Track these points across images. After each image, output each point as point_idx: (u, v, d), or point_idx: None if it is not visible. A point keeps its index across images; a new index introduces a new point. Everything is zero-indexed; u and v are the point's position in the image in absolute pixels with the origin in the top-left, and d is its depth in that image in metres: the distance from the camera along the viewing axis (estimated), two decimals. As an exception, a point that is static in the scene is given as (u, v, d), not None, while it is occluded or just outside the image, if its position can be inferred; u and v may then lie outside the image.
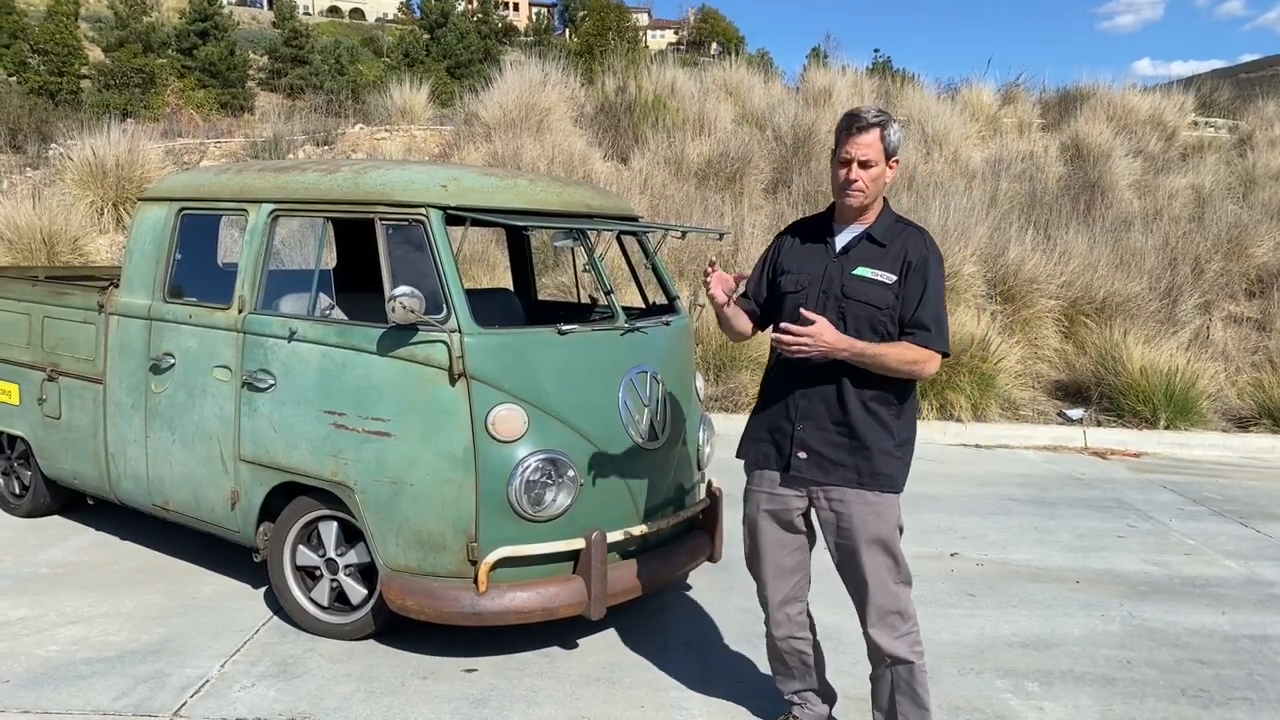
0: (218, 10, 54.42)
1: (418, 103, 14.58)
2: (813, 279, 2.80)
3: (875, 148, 2.69)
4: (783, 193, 11.85)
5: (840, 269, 2.77)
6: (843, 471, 2.76)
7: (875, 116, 2.71)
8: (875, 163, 2.70)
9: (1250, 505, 6.32)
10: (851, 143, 2.70)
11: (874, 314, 2.72)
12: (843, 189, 2.74)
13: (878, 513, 2.76)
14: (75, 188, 11.34)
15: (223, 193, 4.20)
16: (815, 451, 2.78)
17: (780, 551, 2.93)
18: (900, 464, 2.80)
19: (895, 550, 2.78)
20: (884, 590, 2.77)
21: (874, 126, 2.68)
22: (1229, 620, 4.32)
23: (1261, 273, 10.95)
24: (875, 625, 2.78)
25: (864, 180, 2.71)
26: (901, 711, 2.84)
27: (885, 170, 2.73)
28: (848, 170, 2.71)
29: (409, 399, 3.49)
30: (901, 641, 2.78)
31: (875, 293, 2.72)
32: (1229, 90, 17.88)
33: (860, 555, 2.76)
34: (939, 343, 2.72)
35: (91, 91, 41.11)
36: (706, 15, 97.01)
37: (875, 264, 2.74)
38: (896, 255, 2.74)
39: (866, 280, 2.74)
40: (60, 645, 3.71)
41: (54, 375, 4.72)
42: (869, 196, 2.75)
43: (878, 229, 2.79)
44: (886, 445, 2.76)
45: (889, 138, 2.70)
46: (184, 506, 4.20)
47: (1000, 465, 7.26)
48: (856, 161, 2.69)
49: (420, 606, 3.47)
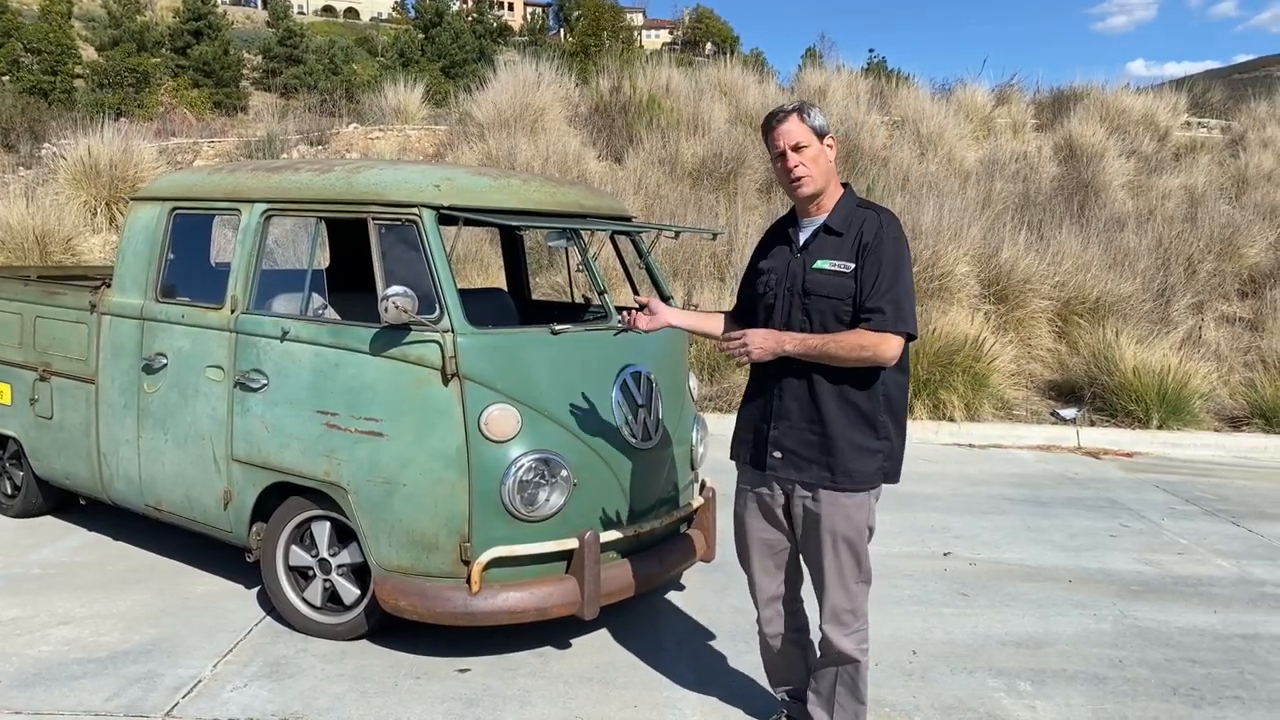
0: (212, 9, 54.33)
1: (412, 102, 14.58)
2: (779, 278, 2.81)
3: (800, 129, 2.70)
4: (777, 193, 11.86)
5: (802, 264, 2.76)
6: (815, 470, 2.75)
7: (789, 105, 2.76)
8: (807, 143, 2.70)
9: (1242, 505, 6.35)
10: (778, 133, 2.72)
11: (836, 305, 2.69)
12: (789, 181, 2.73)
13: (846, 514, 2.75)
14: (68, 187, 11.31)
15: (216, 192, 4.20)
16: (789, 450, 2.78)
17: (767, 548, 2.94)
18: (880, 459, 2.76)
19: (859, 550, 2.79)
20: (841, 589, 2.78)
21: (790, 114, 2.72)
22: (1221, 619, 4.33)
23: (1254, 273, 11.00)
24: (828, 621, 2.81)
25: (804, 163, 2.70)
26: (839, 701, 2.87)
27: (822, 150, 2.73)
28: (785, 160, 2.72)
29: (402, 399, 3.48)
30: (850, 639, 2.80)
31: (834, 284, 2.70)
32: (1221, 91, 17.96)
33: (824, 552, 2.77)
34: (896, 324, 2.63)
35: (85, 91, 41.01)
36: (701, 15, 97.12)
37: (834, 255, 2.72)
38: (853, 241, 2.71)
39: (825, 273, 2.72)
40: (52, 646, 3.70)
41: (46, 375, 4.71)
42: (817, 181, 2.73)
43: (835, 219, 2.76)
44: (863, 440, 2.73)
45: (810, 118, 2.72)
46: (176, 507, 4.19)
47: (993, 465, 7.27)
48: (789, 148, 2.70)
49: (413, 606, 3.47)
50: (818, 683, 2.93)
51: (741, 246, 9.90)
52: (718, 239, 9.43)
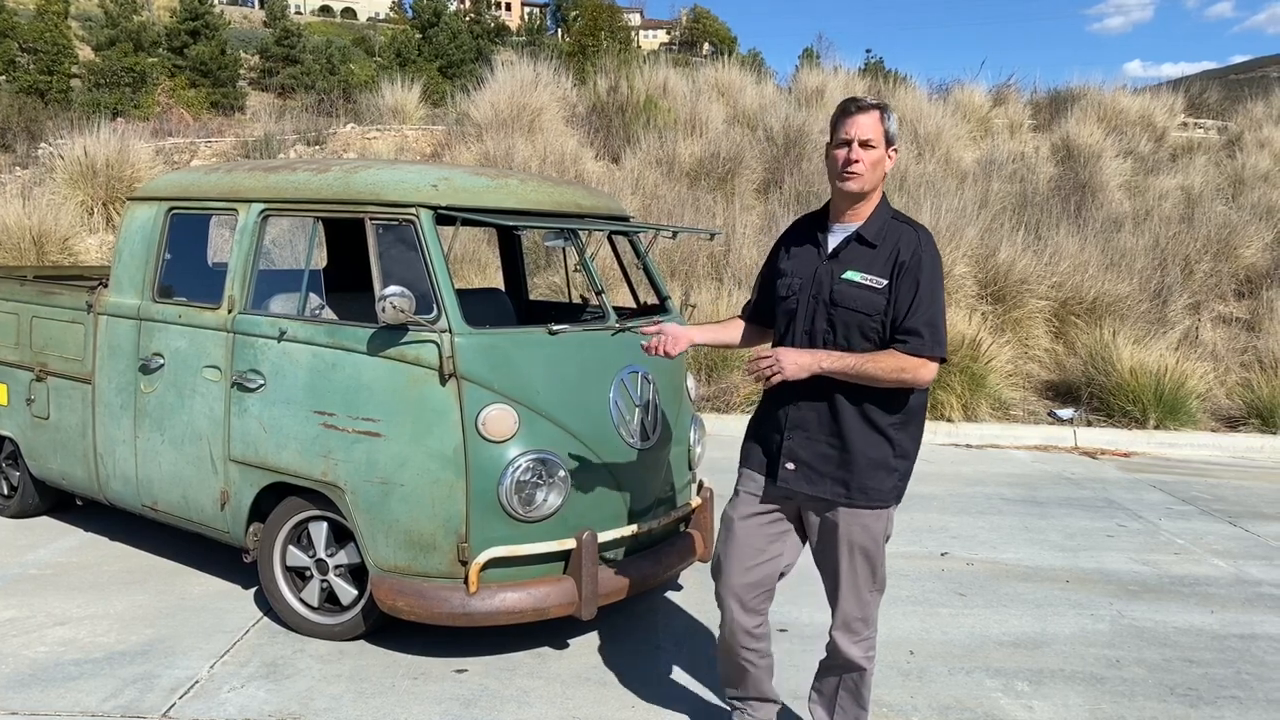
0: (209, 9, 54.23)
1: (409, 102, 14.56)
2: (803, 283, 2.69)
3: (876, 129, 2.58)
4: (774, 193, 11.87)
5: (830, 273, 2.66)
6: (830, 485, 2.66)
7: (875, 100, 2.62)
8: (876, 144, 2.58)
9: (1239, 504, 6.36)
10: (851, 122, 2.58)
11: (863, 320, 2.60)
12: (842, 170, 2.60)
13: (864, 524, 2.68)
14: (65, 187, 11.30)
15: (213, 192, 4.19)
16: (803, 463, 2.68)
17: (751, 559, 2.78)
18: (896, 476, 2.68)
19: (876, 559, 2.72)
20: (855, 597, 2.74)
21: (874, 109, 2.59)
22: (1217, 619, 4.34)
23: (1250, 273, 11.02)
24: (838, 628, 2.77)
25: (865, 162, 2.58)
26: (841, 704, 2.85)
27: (885, 157, 2.63)
28: (848, 150, 2.59)
29: (399, 399, 3.48)
30: (858, 647, 2.77)
31: (864, 298, 2.60)
32: (1218, 91, 18.00)
33: (840, 562, 2.71)
34: (932, 349, 2.57)
35: (82, 90, 40.90)
36: (699, 16, 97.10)
37: (866, 267, 2.62)
38: (888, 257, 2.61)
39: (856, 285, 2.62)
40: (48, 646, 3.69)
41: (42, 375, 4.70)
42: (868, 182, 2.61)
43: (869, 229, 2.65)
44: (882, 457, 2.64)
45: (889, 124, 2.60)
46: (173, 507, 4.19)
47: (990, 465, 7.28)
48: (857, 141, 2.57)
49: (411, 607, 3.46)
50: (820, 684, 2.91)
51: (739, 247, 9.91)
52: (715, 239, 9.42)
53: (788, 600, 3.86)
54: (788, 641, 3.87)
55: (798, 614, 4.11)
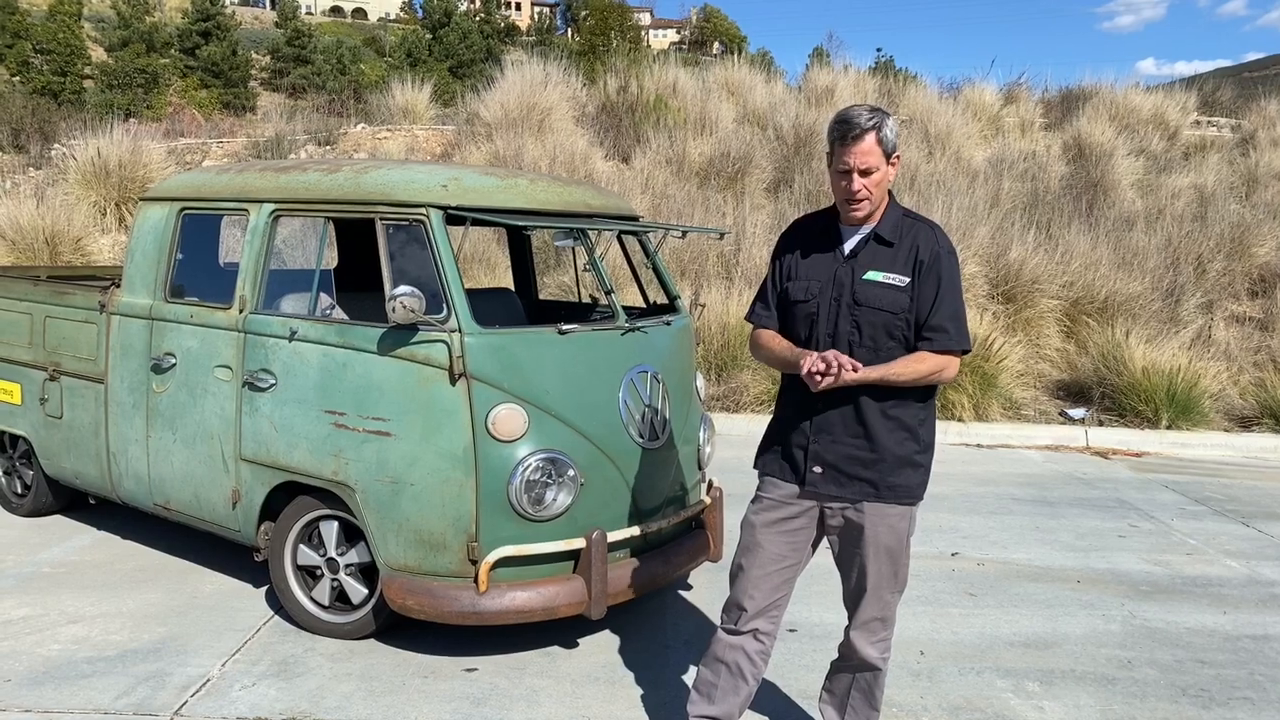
0: (220, 10, 54.47)
1: (420, 102, 14.59)
2: (822, 286, 2.66)
3: (874, 153, 2.56)
4: (784, 192, 11.85)
5: (850, 274, 2.64)
6: (860, 485, 2.65)
7: (869, 119, 2.55)
8: (876, 168, 2.57)
9: (1252, 505, 6.32)
10: (849, 152, 2.56)
11: (889, 320, 2.60)
12: (847, 202, 2.61)
13: (891, 525, 2.67)
14: (78, 188, 11.37)
15: (224, 193, 4.21)
16: (830, 465, 2.66)
17: (774, 564, 2.75)
18: (923, 472, 2.70)
19: (900, 560, 2.72)
20: (877, 599, 2.73)
21: (869, 131, 2.54)
22: (1230, 620, 4.31)
23: (1264, 272, 10.94)
24: (856, 628, 2.77)
25: (868, 188, 2.58)
26: (852, 704, 2.85)
27: (887, 172, 2.62)
28: (849, 181, 2.58)
29: (409, 399, 3.49)
30: (874, 647, 2.77)
31: (888, 297, 2.60)
32: (1231, 89, 17.86)
33: (866, 564, 2.70)
34: (959, 342, 2.61)
35: (94, 91, 41.11)
36: (709, 15, 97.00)
37: (886, 266, 2.62)
38: (907, 254, 2.62)
39: (878, 285, 2.61)
40: (61, 644, 3.71)
41: (56, 375, 4.73)
42: (875, 203, 2.62)
43: (885, 227, 2.65)
44: (909, 452, 2.65)
45: (886, 138, 2.56)
46: (185, 506, 4.21)
47: (1002, 465, 7.25)
48: (857, 171, 2.57)
49: (421, 606, 3.47)
50: (832, 683, 2.90)
51: (749, 246, 9.89)
52: (724, 239, 9.42)
53: (796, 599, 3.83)
54: (797, 641, 3.87)
55: (807, 614, 4.11)
